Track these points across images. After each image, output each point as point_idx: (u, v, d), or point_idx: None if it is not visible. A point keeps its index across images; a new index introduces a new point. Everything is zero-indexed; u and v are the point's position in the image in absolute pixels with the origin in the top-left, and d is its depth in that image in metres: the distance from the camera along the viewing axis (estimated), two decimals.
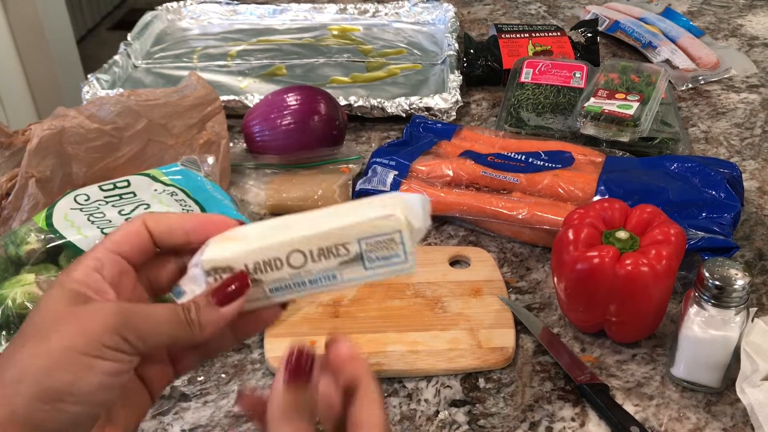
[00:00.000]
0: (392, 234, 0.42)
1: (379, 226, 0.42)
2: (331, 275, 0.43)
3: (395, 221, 0.42)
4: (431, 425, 0.63)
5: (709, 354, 0.63)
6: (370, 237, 0.42)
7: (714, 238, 0.73)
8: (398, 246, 0.43)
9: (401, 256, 0.43)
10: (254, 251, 0.43)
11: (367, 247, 0.43)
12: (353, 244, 0.43)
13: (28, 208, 0.76)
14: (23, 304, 0.62)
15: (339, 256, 0.43)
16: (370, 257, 0.43)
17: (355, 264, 0.43)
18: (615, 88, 0.98)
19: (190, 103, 0.87)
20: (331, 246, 0.43)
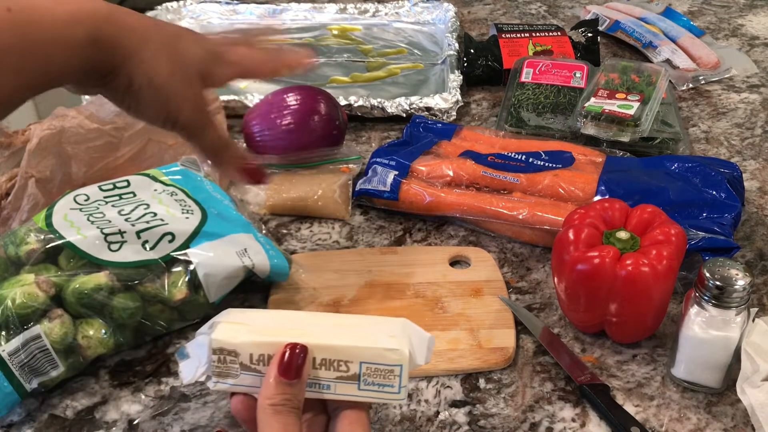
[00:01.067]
0: (393, 367, 0.45)
1: (384, 355, 0.45)
2: (325, 385, 0.46)
3: (400, 356, 0.45)
4: (431, 426, 0.63)
5: (709, 354, 0.63)
6: (373, 363, 0.45)
7: (714, 238, 0.73)
8: (395, 378, 0.46)
9: (395, 387, 0.46)
10: (262, 344, 0.46)
11: (366, 371, 0.45)
12: (355, 364, 0.45)
13: (27, 208, 0.76)
14: (23, 304, 0.62)
15: (338, 371, 0.46)
16: (366, 380, 0.46)
17: (351, 382, 0.46)
18: (615, 88, 0.98)
19: None
20: (335, 360, 0.45)
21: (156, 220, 0.70)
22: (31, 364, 0.62)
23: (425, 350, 0.47)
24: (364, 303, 0.73)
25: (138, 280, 0.67)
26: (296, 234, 0.85)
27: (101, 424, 0.63)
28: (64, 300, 0.64)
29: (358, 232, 0.85)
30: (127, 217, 0.70)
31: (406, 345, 0.46)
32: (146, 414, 0.64)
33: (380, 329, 0.47)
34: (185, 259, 0.68)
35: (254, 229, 0.76)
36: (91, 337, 0.64)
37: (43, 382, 0.63)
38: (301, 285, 0.75)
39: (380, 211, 0.88)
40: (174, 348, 0.70)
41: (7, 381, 0.61)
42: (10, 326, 0.61)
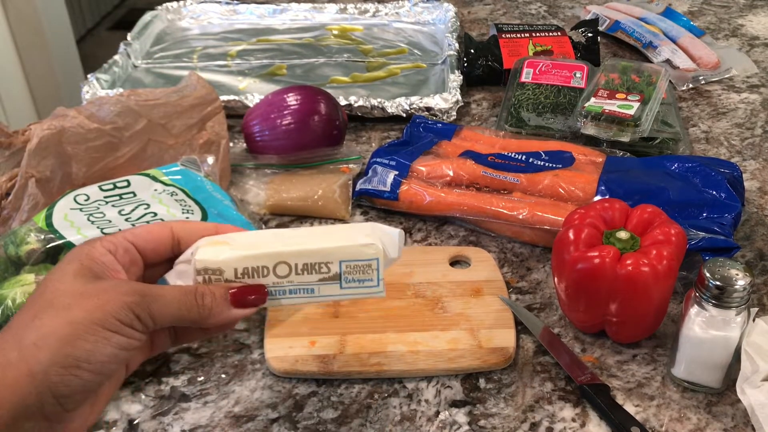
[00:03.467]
0: (370, 261, 0.49)
1: (361, 251, 0.48)
2: (309, 288, 0.49)
3: (375, 249, 0.49)
4: (432, 426, 0.63)
5: (709, 354, 0.63)
6: (351, 260, 0.48)
7: (715, 238, 0.73)
8: (374, 272, 0.49)
9: (374, 281, 0.49)
10: (245, 258, 0.48)
11: (346, 269, 0.49)
12: (335, 264, 0.48)
13: (27, 208, 0.76)
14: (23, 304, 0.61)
15: (320, 273, 0.48)
16: (347, 278, 0.49)
17: (333, 282, 0.49)
18: (615, 88, 0.98)
19: (190, 103, 0.87)
20: (315, 263, 0.48)
21: (156, 220, 0.70)
22: None
23: (396, 245, 0.51)
24: (364, 303, 0.73)
25: None
26: None
27: (101, 423, 0.63)
28: None
29: None
30: (128, 217, 0.70)
31: (379, 241, 0.49)
32: (146, 414, 0.64)
33: (352, 232, 0.50)
34: None
35: (254, 229, 0.76)
36: None
37: None
38: None
39: (380, 211, 0.88)
40: (174, 348, 0.70)
41: None
42: None
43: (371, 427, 0.63)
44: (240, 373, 0.68)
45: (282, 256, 0.48)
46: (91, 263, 0.47)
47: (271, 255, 0.48)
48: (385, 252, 0.49)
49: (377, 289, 0.49)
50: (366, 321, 0.71)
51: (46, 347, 0.43)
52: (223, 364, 0.69)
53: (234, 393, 0.66)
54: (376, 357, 0.67)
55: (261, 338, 0.71)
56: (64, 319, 0.44)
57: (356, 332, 0.70)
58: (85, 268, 0.46)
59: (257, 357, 0.69)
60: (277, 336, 0.70)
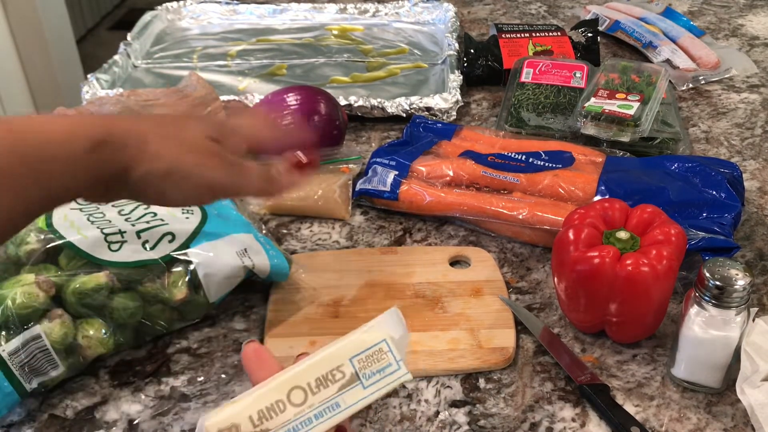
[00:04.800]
0: (379, 344, 0.45)
1: (363, 340, 0.45)
2: (334, 404, 0.44)
3: (376, 331, 0.45)
4: (431, 426, 0.63)
5: (709, 354, 0.63)
6: (360, 353, 0.45)
7: (714, 238, 0.73)
8: (388, 354, 0.45)
9: (393, 365, 0.45)
10: (255, 400, 0.44)
11: (359, 365, 0.44)
12: (347, 364, 0.44)
13: None
14: (23, 304, 0.62)
15: (336, 381, 0.44)
16: (365, 374, 0.45)
17: (354, 386, 0.44)
18: (615, 88, 0.98)
19: (190, 103, 0.87)
20: (327, 373, 0.44)
21: (156, 220, 0.70)
22: (31, 363, 0.62)
23: (397, 322, 0.47)
24: (364, 303, 0.73)
25: (138, 280, 0.67)
26: (296, 234, 0.85)
27: (101, 424, 0.63)
28: (65, 300, 0.64)
29: (358, 232, 0.85)
30: (127, 217, 0.70)
31: (377, 325, 0.46)
32: (146, 414, 0.64)
33: (350, 333, 0.47)
34: (185, 259, 0.68)
35: (254, 229, 0.76)
36: (91, 337, 0.64)
37: (43, 382, 0.63)
38: (301, 285, 0.75)
39: (380, 211, 0.88)
40: (174, 348, 0.70)
41: (7, 381, 0.61)
42: (10, 326, 0.61)
43: (371, 427, 0.63)
44: (240, 373, 0.68)
45: (291, 380, 0.44)
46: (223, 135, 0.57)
47: (280, 384, 0.44)
48: (389, 333, 0.46)
49: (401, 372, 0.45)
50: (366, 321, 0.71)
51: None
52: (223, 364, 0.69)
53: (234, 393, 0.66)
54: None
55: (261, 338, 0.71)
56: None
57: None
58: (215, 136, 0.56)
59: None
60: (277, 336, 0.70)
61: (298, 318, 0.72)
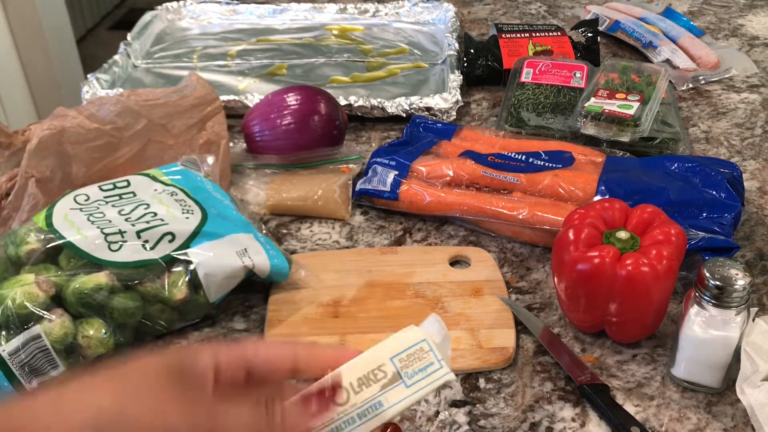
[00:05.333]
0: (420, 343, 0.44)
1: (404, 340, 0.44)
2: (376, 403, 0.44)
3: (417, 331, 0.45)
4: (431, 425, 0.63)
5: (709, 354, 0.63)
6: (401, 352, 0.44)
7: (714, 238, 0.73)
8: (429, 353, 0.44)
9: (435, 363, 0.44)
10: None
11: (401, 364, 0.44)
12: (388, 364, 0.44)
13: (27, 208, 0.76)
14: (23, 304, 0.62)
15: (378, 381, 0.44)
16: (407, 373, 0.44)
17: (396, 384, 0.44)
18: (615, 88, 0.98)
19: (190, 103, 0.87)
20: (369, 372, 0.44)
21: (156, 220, 0.70)
22: (32, 363, 0.62)
23: (438, 326, 0.47)
24: (364, 303, 0.73)
25: (138, 280, 0.67)
26: (296, 234, 0.85)
27: None
28: (65, 300, 0.64)
29: (358, 232, 0.85)
30: (128, 217, 0.70)
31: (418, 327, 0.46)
32: None
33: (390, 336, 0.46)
34: (185, 259, 0.68)
35: (254, 229, 0.76)
36: (91, 336, 0.64)
37: (44, 382, 0.63)
38: (301, 285, 0.75)
39: (380, 211, 0.88)
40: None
41: (7, 381, 0.61)
42: (10, 326, 0.61)
43: None
44: None
45: None
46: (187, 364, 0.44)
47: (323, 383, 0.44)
48: (430, 334, 0.45)
49: (443, 371, 0.44)
50: (366, 321, 0.71)
51: None
52: None
53: None
54: None
55: (261, 338, 0.71)
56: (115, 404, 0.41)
57: (356, 332, 0.70)
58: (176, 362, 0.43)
59: None
60: (277, 336, 0.70)
61: (298, 318, 0.72)
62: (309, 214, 0.88)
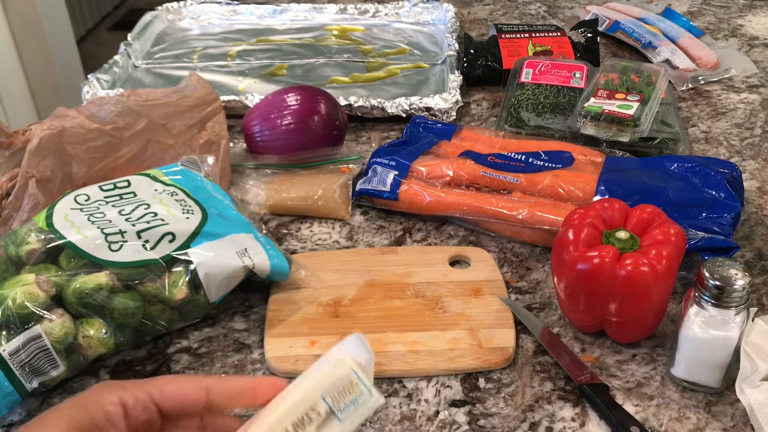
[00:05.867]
0: (348, 376, 0.44)
1: (331, 374, 0.44)
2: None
3: (345, 364, 0.44)
4: (431, 425, 0.63)
5: (709, 354, 0.63)
6: (331, 390, 0.43)
7: (714, 238, 0.73)
8: (358, 384, 0.44)
9: (365, 393, 0.44)
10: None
11: (332, 401, 0.43)
12: (320, 403, 0.43)
13: (28, 208, 0.76)
14: (23, 304, 0.62)
15: (313, 422, 0.43)
16: (339, 408, 0.44)
17: (331, 422, 0.44)
18: (615, 88, 0.98)
19: (190, 103, 0.87)
20: (303, 415, 0.43)
21: (156, 220, 0.70)
22: (32, 363, 0.62)
23: (362, 346, 0.46)
24: (364, 303, 0.73)
25: (138, 280, 0.67)
26: (296, 234, 0.86)
27: None
28: (65, 300, 0.64)
29: (358, 232, 0.86)
30: (128, 217, 0.70)
31: (344, 353, 0.45)
32: None
33: (317, 365, 0.46)
34: (186, 258, 0.69)
35: (254, 229, 0.76)
36: (91, 336, 0.65)
37: (44, 382, 0.63)
38: (301, 285, 0.75)
39: (380, 211, 0.88)
40: (174, 348, 0.70)
41: (7, 381, 0.61)
42: (10, 326, 0.61)
43: (371, 427, 0.63)
44: (240, 372, 0.68)
45: (266, 425, 0.43)
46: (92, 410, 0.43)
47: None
48: (355, 360, 0.45)
49: (374, 399, 0.44)
50: (366, 321, 0.71)
51: None
52: (223, 364, 0.69)
53: None
54: (376, 357, 0.67)
55: (261, 338, 0.71)
56: None
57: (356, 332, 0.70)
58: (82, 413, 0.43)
59: (257, 357, 0.69)
60: (277, 336, 0.70)
61: (298, 318, 0.72)
62: (309, 214, 0.88)
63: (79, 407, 0.43)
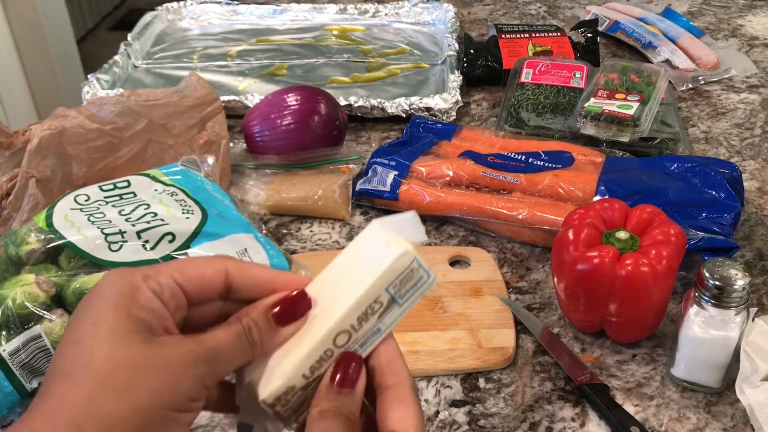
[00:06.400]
0: (411, 265, 0.44)
1: (397, 268, 0.43)
2: (375, 330, 0.44)
3: (408, 256, 0.44)
4: (431, 425, 0.63)
5: (709, 354, 0.63)
6: (395, 280, 0.43)
7: (714, 238, 0.73)
8: (419, 270, 0.44)
9: (424, 276, 0.45)
10: (303, 360, 0.42)
11: (395, 290, 0.44)
12: (383, 295, 0.43)
13: (28, 208, 0.76)
14: (23, 304, 0.62)
15: (376, 312, 0.43)
16: (400, 295, 0.44)
17: (391, 308, 0.44)
18: (615, 88, 0.98)
19: (190, 103, 0.87)
20: (366, 309, 0.43)
21: (156, 220, 0.70)
22: (32, 363, 0.62)
23: (417, 227, 0.46)
24: None
25: None
26: (296, 234, 0.86)
27: None
28: (65, 300, 0.64)
29: (358, 232, 0.85)
30: (128, 218, 0.70)
31: (403, 241, 0.44)
32: None
33: (373, 252, 0.44)
34: None
35: (254, 229, 0.76)
36: None
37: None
38: None
39: (380, 211, 0.88)
40: None
41: (7, 381, 0.61)
42: (10, 326, 0.61)
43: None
44: None
45: (334, 330, 0.42)
46: (139, 312, 0.37)
47: (325, 338, 0.42)
48: (415, 246, 0.44)
49: (430, 279, 0.44)
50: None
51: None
52: None
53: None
54: None
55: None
56: (129, 404, 0.35)
57: None
58: (135, 321, 0.37)
59: None
60: None
61: None
62: (309, 214, 0.88)
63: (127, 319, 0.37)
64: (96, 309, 0.37)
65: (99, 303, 0.37)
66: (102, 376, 0.35)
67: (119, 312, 0.37)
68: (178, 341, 0.38)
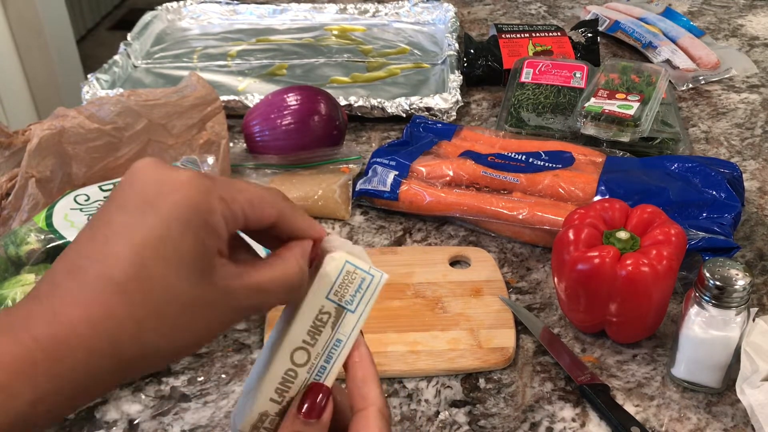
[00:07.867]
0: (344, 269, 0.43)
1: (328, 274, 0.43)
2: (336, 341, 0.44)
3: (336, 261, 0.43)
4: (431, 426, 0.63)
5: (709, 354, 0.63)
6: (332, 288, 0.43)
7: (714, 238, 0.73)
8: (356, 272, 0.44)
9: (367, 278, 0.44)
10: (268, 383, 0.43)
11: (338, 298, 0.43)
12: (327, 304, 0.43)
13: (28, 208, 0.76)
14: None
15: (326, 323, 0.43)
16: (347, 301, 0.44)
17: (344, 315, 0.44)
18: (615, 88, 0.98)
19: (190, 103, 0.87)
20: (314, 321, 0.43)
21: None
22: None
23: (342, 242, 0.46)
24: None
25: None
26: None
27: (101, 423, 0.63)
28: None
29: (358, 232, 0.85)
30: None
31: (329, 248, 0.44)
32: (146, 414, 0.64)
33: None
34: None
35: None
36: None
37: None
38: None
39: (380, 211, 0.88)
40: None
41: None
42: None
43: None
44: (240, 373, 0.68)
45: (286, 350, 0.43)
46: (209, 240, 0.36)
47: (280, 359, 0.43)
48: (345, 250, 0.44)
49: (377, 278, 0.44)
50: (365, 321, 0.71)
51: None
52: (223, 364, 0.69)
53: (234, 393, 0.66)
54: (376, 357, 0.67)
55: (261, 338, 0.71)
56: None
57: None
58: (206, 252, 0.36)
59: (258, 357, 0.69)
60: None
61: None
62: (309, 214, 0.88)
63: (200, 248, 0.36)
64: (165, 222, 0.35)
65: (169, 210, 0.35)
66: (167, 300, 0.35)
67: (195, 238, 0.35)
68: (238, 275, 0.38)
